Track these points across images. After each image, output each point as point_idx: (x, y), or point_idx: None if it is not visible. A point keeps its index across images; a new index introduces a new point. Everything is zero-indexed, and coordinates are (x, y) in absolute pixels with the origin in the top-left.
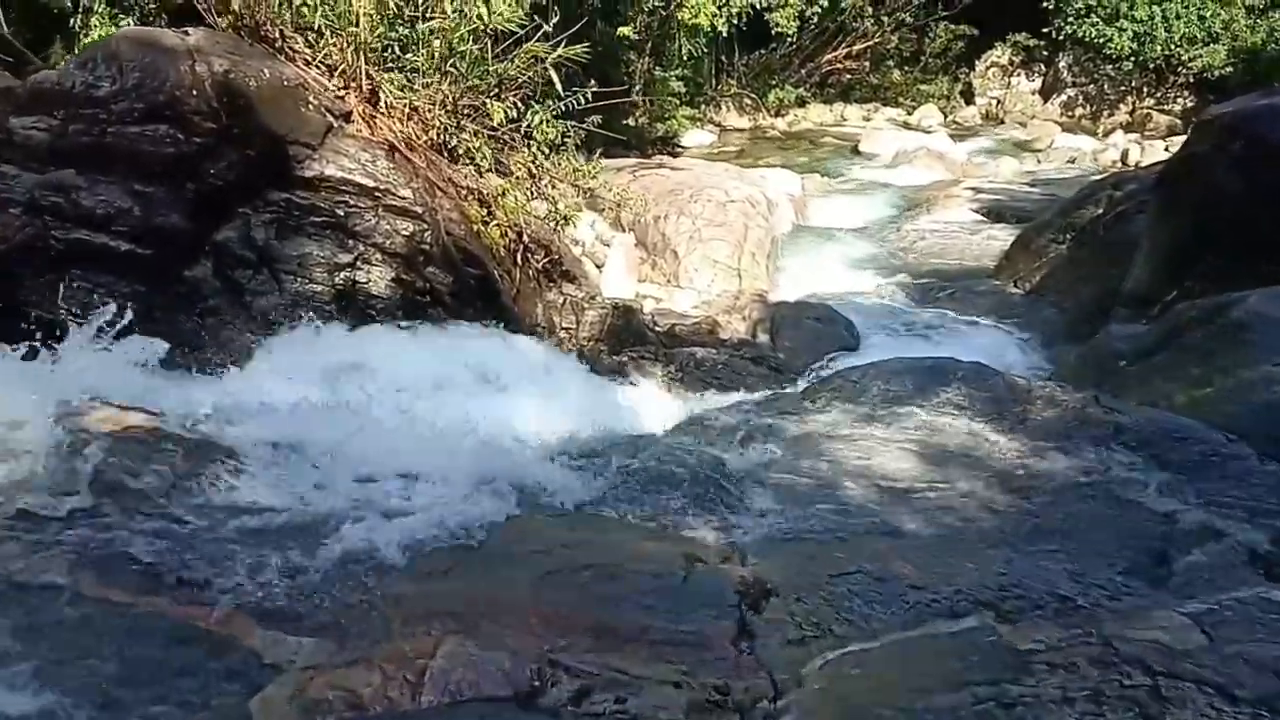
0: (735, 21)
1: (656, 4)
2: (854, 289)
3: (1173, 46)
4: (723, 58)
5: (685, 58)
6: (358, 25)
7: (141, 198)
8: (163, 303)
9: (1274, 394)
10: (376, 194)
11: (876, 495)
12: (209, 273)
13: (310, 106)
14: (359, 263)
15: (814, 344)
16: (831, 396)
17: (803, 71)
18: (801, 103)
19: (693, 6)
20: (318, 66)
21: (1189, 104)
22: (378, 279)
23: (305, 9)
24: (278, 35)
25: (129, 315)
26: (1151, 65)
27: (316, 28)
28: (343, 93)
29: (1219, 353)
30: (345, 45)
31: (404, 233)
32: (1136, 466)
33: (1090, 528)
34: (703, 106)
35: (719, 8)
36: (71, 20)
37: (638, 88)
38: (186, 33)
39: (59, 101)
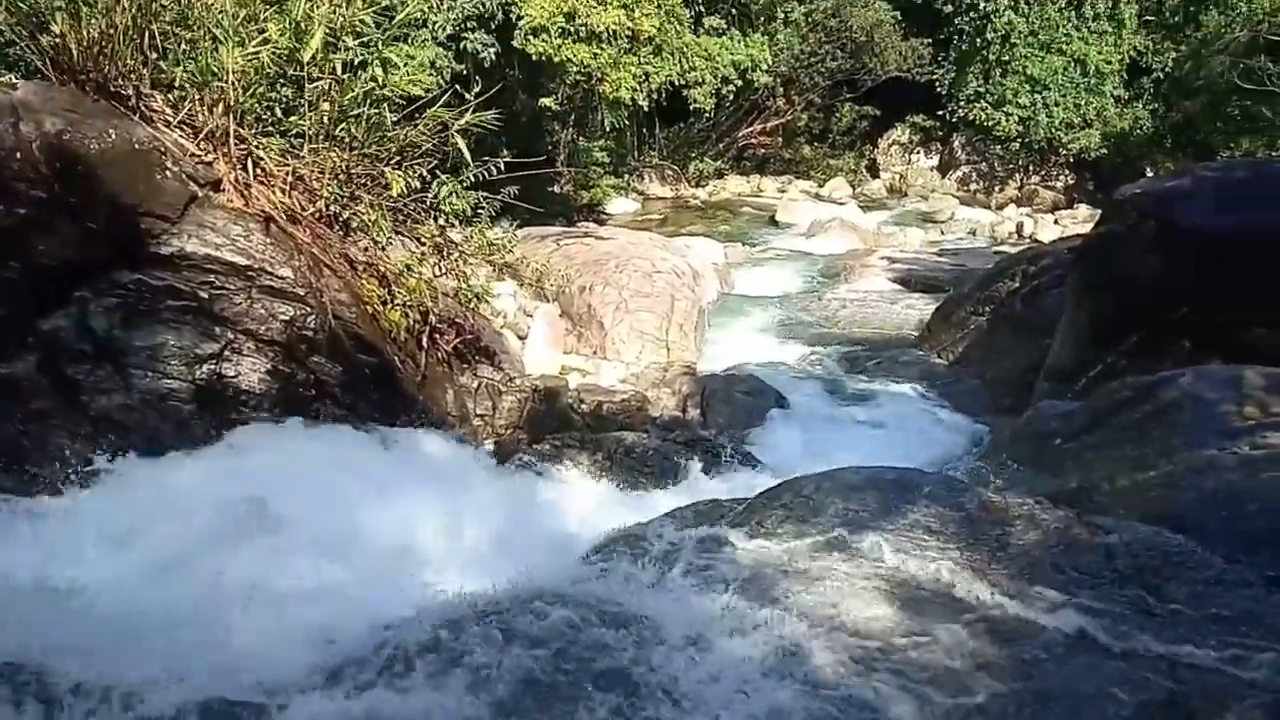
0: (655, 96)
1: (578, 77)
2: (781, 359)
3: (1053, 130)
4: (644, 130)
5: (608, 129)
6: (226, 82)
7: None
8: None
9: (1225, 482)
10: (250, 273)
11: (850, 663)
12: (32, 369)
13: (168, 173)
14: (227, 353)
15: (746, 419)
16: (783, 516)
17: (720, 145)
18: (720, 174)
19: (614, 80)
20: (180, 128)
21: (1070, 181)
22: (250, 371)
23: (164, 63)
24: (131, 92)
25: None
26: (1036, 146)
27: (178, 84)
28: (210, 158)
29: (1155, 434)
30: (212, 105)
31: (283, 317)
32: (1135, 602)
33: (1098, 693)
34: (626, 176)
35: (639, 83)
36: None
37: (562, 157)
38: (14, 86)
39: None
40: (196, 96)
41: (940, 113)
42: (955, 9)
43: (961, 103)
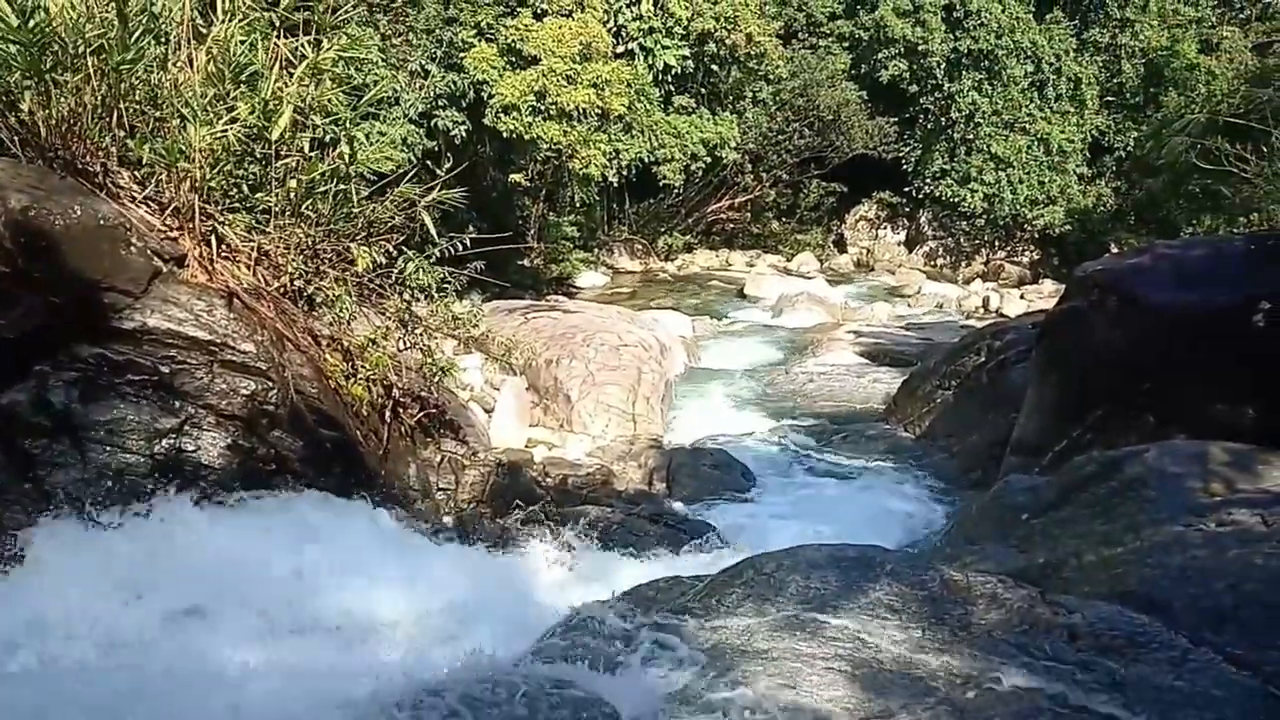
0: (625, 172)
1: (548, 154)
2: (748, 432)
3: (1018, 207)
4: (614, 205)
5: (578, 204)
6: (193, 160)
7: None
8: None
9: (1192, 560)
10: (212, 348)
11: None
12: None
13: (133, 249)
14: (187, 427)
15: (712, 493)
16: (744, 594)
17: (689, 220)
18: (689, 248)
19: (584, 157)
20: (146, 204)
21: (1035, 256)
22: (210, 446)
23: (131, 141)
24: (99, 169)
25: None
26: (1001, 222)
27: (146, 162)
28: (175, 234)
29: (1121, 510)
30: (179, 182)
31: (244, 392)
32: (1099, 683)
33: None
34: (596, 250)
35: (609, 159)
36: None
37: (532, 232)
38: None
39: None
40: (164, 174)
41: (906, 189)
42: (920, 89)
43: (927, 179)
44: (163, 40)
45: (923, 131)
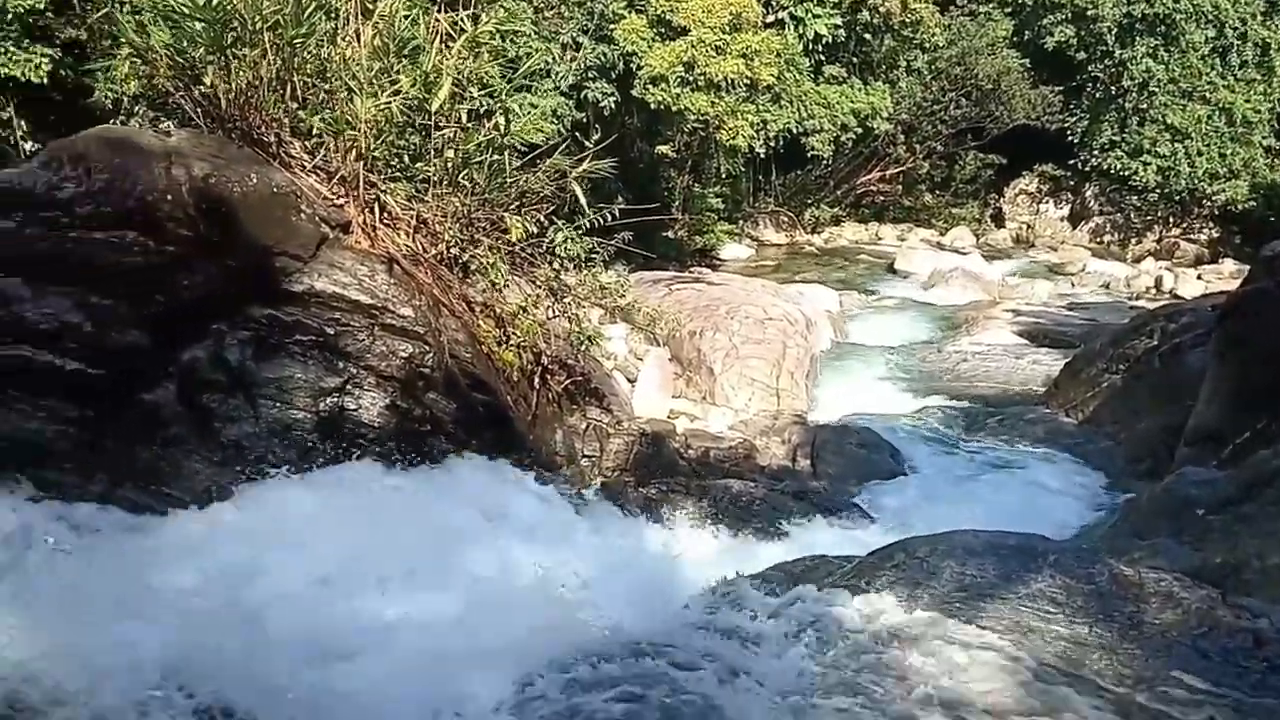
0: (772, 143)
1: (696, 125)
2: (897, 411)
3: (1196, 180)
4: (760, 176)
5: (724, 176)
6: (359, 131)
7: (97, 311)
8: (115, 430)
9: None
10: (373, 311)
11: None
12: (171, 397)
13: (302, 215)
14: (349, 387)
15: (857, 473)
16: (895, 577)
17: (838, 192)
18: (837, 221)
19: (731, 129)
20: (315, 173)
21: (1214, 234)
22: (369, 405)
23: (303, 112)
24: (273, 139)
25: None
26: (1176, 197)
27: (315, 132)
28: (341, 202)
29: None
30: (346, 152)
31: (402, 354)
32: None
33: None
34: (741, 222)
35: (757, 130)
36: (112, 123)
37: (677, 203)
38: (168, 133)
39: (17, 202)
40: (331, 144)
41: (1071, 161)
42: (1089, 56)
43: (1095, 151)
44: (332, 16)
45: (1090, 101)
